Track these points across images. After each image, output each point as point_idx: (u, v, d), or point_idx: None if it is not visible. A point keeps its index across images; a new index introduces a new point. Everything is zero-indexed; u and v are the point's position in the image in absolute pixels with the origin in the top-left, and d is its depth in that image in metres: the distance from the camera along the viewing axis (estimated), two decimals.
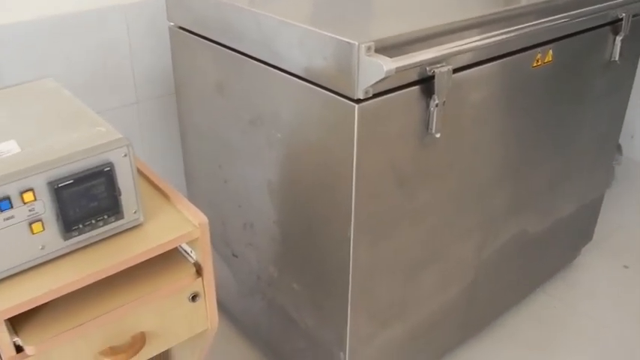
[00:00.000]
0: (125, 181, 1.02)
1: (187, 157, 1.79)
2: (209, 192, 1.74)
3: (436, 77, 1.25)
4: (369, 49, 1.12)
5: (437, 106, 1.28)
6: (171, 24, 1.62)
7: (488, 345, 1.98)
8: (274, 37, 1.30)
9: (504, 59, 1.45)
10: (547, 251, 2.06)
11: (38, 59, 1.65)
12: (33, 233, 0.96)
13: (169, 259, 1.13)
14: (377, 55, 1.12)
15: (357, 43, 1.11)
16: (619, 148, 2.92)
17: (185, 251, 1.14)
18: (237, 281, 1.80)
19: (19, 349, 0.98)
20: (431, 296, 1.62)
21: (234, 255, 1.74)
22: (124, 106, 1.85)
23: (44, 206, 0.96)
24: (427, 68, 1.25)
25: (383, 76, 1.10)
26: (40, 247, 0.98)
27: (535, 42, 1.52)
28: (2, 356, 0.97)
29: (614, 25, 1.76)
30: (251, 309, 1.79)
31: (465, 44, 1.26)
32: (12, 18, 1.59)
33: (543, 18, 1.45)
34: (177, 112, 1.74)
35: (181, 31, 1.58)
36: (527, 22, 1.40)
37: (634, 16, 1.77)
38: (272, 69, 1.34)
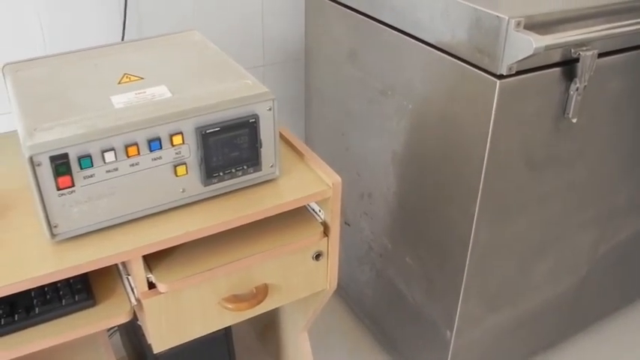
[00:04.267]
0: (267, 134, 1.05)
1: (310, 123, 1.81)
2: (329, 159, 1.75)
3: (580, 60, 1.21)
4: (518, 24, 1.10)
5: (577, 90, 1.25)
6: None
7: (591, 344, 1.93)
8: (417, 6, 1.29)
9: None
10: None
11: (176, 15, 1.70)
12: (177, 176, 1.00)
13: (298, 216, 1.15)
14: (526, 31, 1.10)
15: (507, 18, 1.09)
16: None
17: (314, 210, 1.16)
18: (346, 250, 1.81)
19: (151, 285, 1.02)
20: (542, 285, 1.59)
21: (347, 223, 1.76)
22: (252, 68, 1.88)
23: (190, 150, 0.99)
24: (572, 50, 1.21)
25: (531, 52, 1.07)
26: (181, 190, 1.02)
27: None
28: (136, 290, 1.02)
29: None
30: (358, 279, 1.81)
31: (613, 29, 1.22)
32: None
33: None
34: (305, 77, 1.76)
35: None
36: None
37: None
38: (409, 39, 1.33)
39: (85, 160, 0.92)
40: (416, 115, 1.37)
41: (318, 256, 1.15)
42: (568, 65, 1.24)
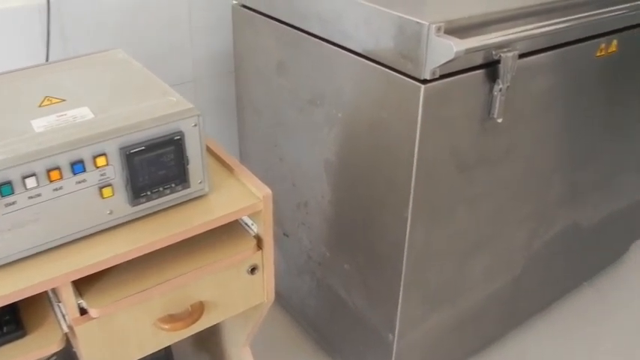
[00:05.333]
0: (193, 150, 1.04)
1: (243, 135, 1.80)
2: (263, 170, 1.75)
3: (502, 61, 1.24)
4: (439, 29, 1.11)
5: (500, 90, 1.28)
6: (234, 2, 1.63)
7: (532, 337, 1.97)
8: (340, 15, 1.30)
9: (568, 47, 1.43)
10: (596, 246, 2.04)
11: (101, 34, 1.67)
12: (103, 198, 0.98)
13: (231, 230, 1.14)
14: (446, 35, 1.12)
15: (427, 23, 1.11)
16: None
17: (246, 224, 1.16)
18: (286, 260, 1.81)
19: (82, 311, 1.00)
20: (481, 283, 1.62)
21: (284, 234, 1.75)
22: (181, 84, 1.87)
23: (115, 171, 0.98)
24: (493, 52, 1.24)
25: (452, 57, 1.09)
26: (109, 212, 1.00)
27: (599, 31, 1.50)
28: (67, 317, 1.00)
29: None
30: (299, 288, 1.81)
31: (532, 29, 1.25)
32: None
33: (608, 7, 1.42)
34: (236, 90, 1.76)
35: (244, 9, 1.59)
36: (591, 11, 1.38)
37: None
38: (336, 48, 1.34)
39: (6, 188, 0.89)
40: (346, 123, 1.38)
41: (253, 270, 1.14)
42: (490, 67, 1.26)
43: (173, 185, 1.04)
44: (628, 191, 2.00)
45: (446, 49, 1.10)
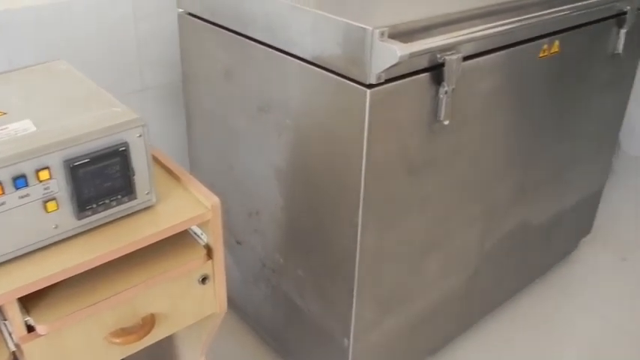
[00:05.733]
0: (139, 161, 1.02)
1: (193, 145, 1.79)
2: (214, 179, 1.74)
3: (446, 64, 1.25)
4: (382, 34, 1.12)
5: (446, 93, 1.29)
6: (181, 10, 1.62)
7: (488, 334, 2.00)
8: (286, 23, 1.30)
9: (512, 49, 1.46)
10: (547, 243, 2.08)
11: (45, 45, 1.65)
12: (47, 212, 0.96)
13: (180, 240, 1.13)
14: (390, 40, 1.13)
15: (370, 29, 1.12)
16: (618, 142, 2.93)
17: (195, 234, 1.15)
18: (240, 269, 1.80)
19: (30, 328, 0.98)
20: (434, 284, 1.63)
21: (238, 242, 1.75)
22: (129, 94, 1.85)
23: (59, 185, 0.96)
24: (438, 55, 1.25)
25: (396, 61, 1.10)
26: (54, 227, 0.98)
27: (542, 32, 1.53)
28: (14, 336, 0.98)
29: (619, 18, 1.77)
30: (254, 296, 1.80)
31: (475, 32, 1.27)
32: (21, 2, 1.58)
33: (550, 9, 1.45)
34: (184, 99, 1.75)
35: (190, 17, 1.59)
36: (534, 13, 1.41)
37: (638, 9, 1.78)
38: (282, 55, 1.34)
39: None
40: (295, 129, 1.38)
41: (204, 280, 1.14)
42: (436, 70, 1.28)
43: (119, 197, 1.02)
44: (575, 189, 2.04)
45: (390, 54, 1.11)
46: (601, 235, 2.48)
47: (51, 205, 0.96)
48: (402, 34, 1.17)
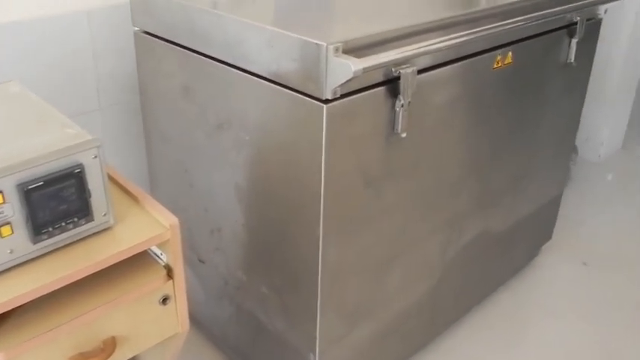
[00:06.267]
0: (95, 183, 1.01)
1: (152, 163, 1.78)
2: (174, 197, 1.73)
3: (401, 78, 1.27)
4: (337, 49, 1.13)
5: (402, 106, 1.30)
6: (136, 29, 1.61)
7: (454, 343, 2.01)
8: (242, 39, 1.30)
9: (466, 61, 1.48)
10: (509, 250, 2.10)
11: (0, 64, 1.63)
12: (2, 237, 0.95)
13: (140, 261, 1.12)
14: (345, 55, 1.14)
15: (325, 44, 1.13)
16: (575, 148, 2.99)
17: (155, 254, 1.14)
18: (203, 287, 1.79)
19: None
20: (398, 295, 1.64)
21: (200, 261, 1.73)
22: (87, 113, 1.83)
23: (13, 209, 0.94)
24: (393, 69, 1.27)
25: (351, 76, 1.11)
26: (9, 251, 0.96)
27: (495, 44, 1.55)
28: None
29: (570, 28, 1.81)
30: (219, 315, 1.79)
31: (429, 45, 1.28)
32: None
33: (503, 21, 1.48)
34: (142, 117, 1.74)
35: (146, 35, 1.58)
36: (487, 25, 1.43)
37: (588, 19, 1.83)
38: (239, 72, 1.35)
39: None
40: (254, 146, 1.38)
41: (164, 300, 1.13)
42: (392, 83, 1.29)
43: (76, 220, 1.01)
44: (534, 196, 2.07)
45: (344, 69, 1.12)
46: (561, 240, 2.52)
47: (5, 230, 0.95)
48: (356, 49, 1.18)
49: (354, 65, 1.11)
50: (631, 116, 3.32)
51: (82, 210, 1.01)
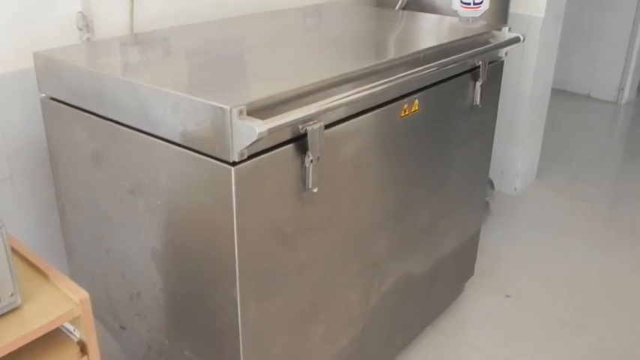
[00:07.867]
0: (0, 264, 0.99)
1: (67, 231, 1.74)
2: (92, 265, 1.70)
3: (309, 134, 1.29)
4: (240, 112, 1.15)
5: (312, 161, 1.32)
6: (43, 95, 1.59)
7: None
8: (148, 104, 1.30)
9: (373, 112, 1.52)
10: (433, 290, 2.13)
11: None
12: None
13: (52, 339, 1.10)
14: (249, 117, 1.15)
15: (228, 108, 1.14)
16: (491, 183, 3.07)
17: (68, 329, 1.11)
18: (126, 354, 1.75)
19: None
20: (323, 347, 1.64)
21: (121, 327, 1.70)
22: None
23: None
24: (299, 126, 1.29)
25: (256, 138, 1.12)
26: None
27: (401, 93, 1.60)
28: None
29: (474, 72, 1.88)
30: None
31: (333, 101, 1.31)
32: None
33: (407, 70, 1.53)
34: (54, 184, 1.70)
35: (53, 102, 1.56)
36: (391, 76, 1.48)
37: (489, 63, 1.90)
38: (148, 136, 1.34)
39: None
40: (166, 210, 1.38)
41: None
42: (300, 140, 1.31)
43: None
44: (453, 235, 2.12)
45: (249, 131, 1.13)
46: (484, 275, 2.58)
47: None
48: (261, 110, 1.20)
49: (258, 127, 1.12)
50: (542, 146, 3.45)
51: None
